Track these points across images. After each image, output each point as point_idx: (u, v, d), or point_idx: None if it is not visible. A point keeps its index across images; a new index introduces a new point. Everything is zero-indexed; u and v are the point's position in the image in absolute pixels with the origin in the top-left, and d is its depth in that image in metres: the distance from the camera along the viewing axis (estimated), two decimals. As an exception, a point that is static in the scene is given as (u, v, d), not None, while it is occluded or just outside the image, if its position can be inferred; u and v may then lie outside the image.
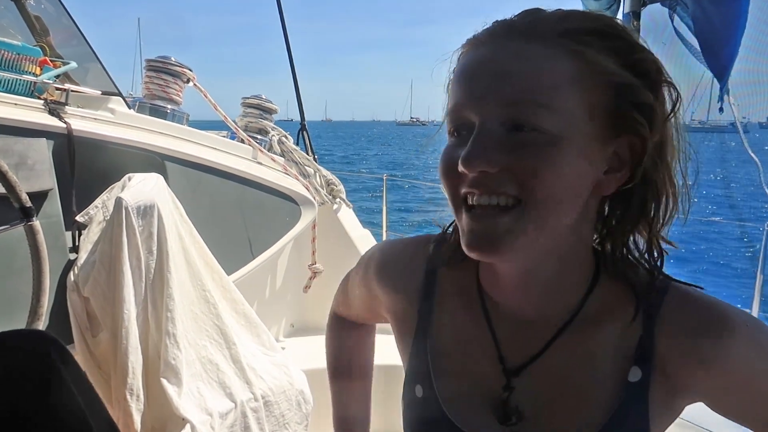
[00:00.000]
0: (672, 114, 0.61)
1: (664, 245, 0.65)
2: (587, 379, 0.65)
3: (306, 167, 2.77)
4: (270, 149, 2.70)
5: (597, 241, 0.67)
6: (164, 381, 1.70)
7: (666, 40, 1.99)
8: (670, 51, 1.93)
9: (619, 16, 2.01)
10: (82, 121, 1.88)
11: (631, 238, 0.65)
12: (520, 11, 0.63)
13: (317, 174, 2.82)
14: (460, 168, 0.58)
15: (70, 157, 1.80)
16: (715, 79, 1.87)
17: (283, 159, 2.69)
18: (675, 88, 0.61)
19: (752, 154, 1.80)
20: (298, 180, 2.64)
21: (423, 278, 0.76)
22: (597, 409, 0.64)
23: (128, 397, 1.64)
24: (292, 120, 3.43)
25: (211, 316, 1.91)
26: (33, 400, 0.63)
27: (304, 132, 3.13)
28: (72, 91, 1.93)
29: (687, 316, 0.63)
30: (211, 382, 1.82)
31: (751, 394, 0.64)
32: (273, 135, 2.75)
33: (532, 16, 0.61)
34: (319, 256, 2.73)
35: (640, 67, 0.60)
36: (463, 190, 0.60)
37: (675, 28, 1.74)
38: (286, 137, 2.80)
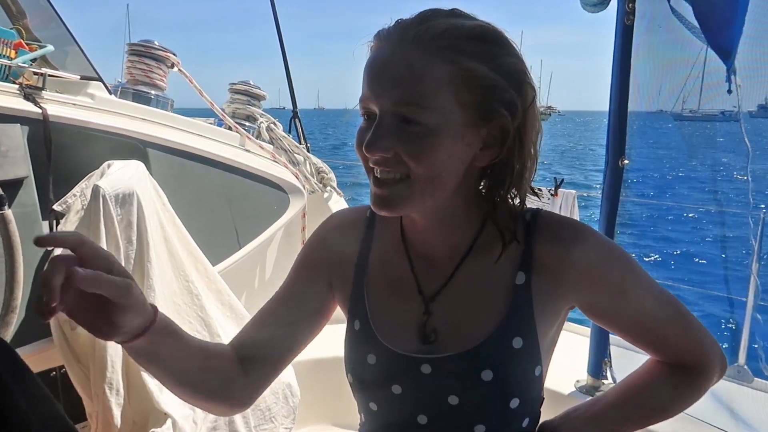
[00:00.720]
0: (530, 106, 0.78)
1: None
2: (485, 294, 0.84)
3: (295, 155, 2.71)
4: (258, 136, 2.65)
5: (483, 194, 0.84)
6: (145, 375, 1.65)
7: (662, 23, 1.93)
8: (665, 37, 1.87)
9: (613, -3, 1.95)
10: (59, 107, 1.82)
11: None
12: (419, 12, 0.78)
13: (307, 162, 2.76)
14: (363, 151, 0.77)
15: (46, 144, 1.74)
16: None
17: (271, 146, 2.63)
18: (533, 87, 0.79)
19: (747, 142, 1.75)
20: (287, 168, 2.58)
21: (364, 229, 0.94)
22: (493, 314, 0.82)
23: (107, 391, 1.59)
24: (283, 108, 3.36)
25: (195, 307, 1.86)
26: None
27: (296, 119, 3.07)
28: (49, 75, 1.86)
29: (554, 228, 0.84)
30: (194, 375, 1.77)
31: (612, 296, 0.83)
32: (261, 122, 2.69)
33: (423, 24, 0.75)
34: (309, 246, 2.68)
35: (506, 69, 0.76)
36: (371, 164, 0.78)
37: (672, 8, 1.68)
38: (275, 124, 2.74)
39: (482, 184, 0.84)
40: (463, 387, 0.82)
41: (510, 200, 0.82)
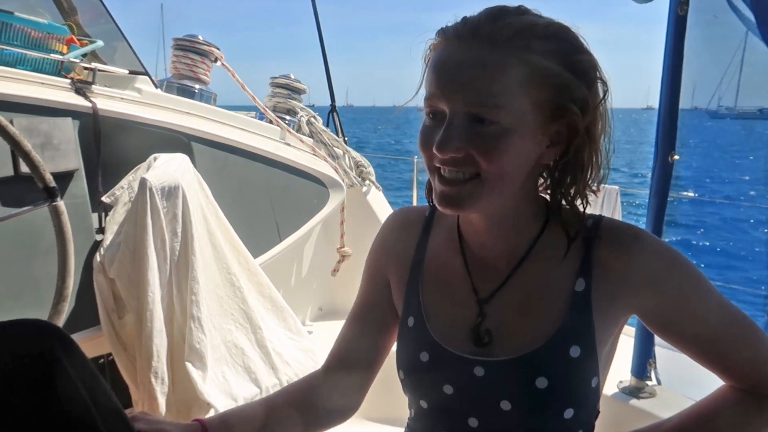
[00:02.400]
0: (601, 102, 0.78)
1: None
2: (542, 299, 0.82)
3: (335, 149, 2.71)
4: (298, 130, 2.66)
5: (547, 196, 0.84)
6: (189, 365, 1.68)
7: (718, 13, 1.86)
8: (716, 30, 1.80)
9: (668, -13, 1.88)
10: (108, 101, 1.86)
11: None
12: (485, 9, 0.76)
13: (346, 156, 2.77)
14: (434, 151, 0.75)
15: (95, 137, 1.78)
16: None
17: (311, 140, 2.64)
18: (605, 84, 0.78)
19: None
20: (326, 161, 2.59)
21: (421, 228, 0.95)
22: (551, 319, 0.80)
23: (153, 380, 1.63)
24: (313, 105, 3.35)
25: (237, 299, 1.88)
26: (32, 391, 0.59)
27: (334, 114, 3.07)
28: (99, 70, 1.90)
29: (616, 232, 0.81)
30: (236, 366, 1.80)
31: (674, 306, 0.80)
32: (302, 115, 2.70)
33: (493, 22, 0.74)
34: (347, 239, 2.68)
35: (578, 67, 0.76)
36: (437, 164, 0.77)
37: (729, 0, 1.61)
38: (315, 118, 2.75)
39: (542, 183, 0.84)
40: (517, 393, 0.80)
41: (572, 201, 0.81)
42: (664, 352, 2.27)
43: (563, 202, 0.81)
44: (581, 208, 0.82)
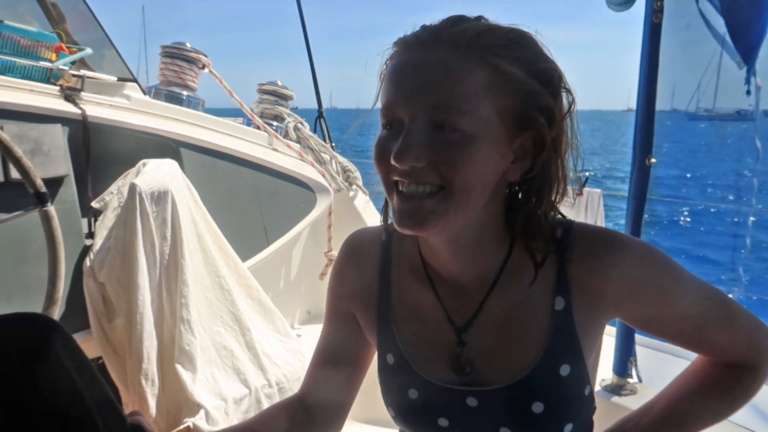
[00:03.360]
0: (567, 114, 0.74)
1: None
2: (522, 321, 0.78)
3: (322, 154, 2.75)
4: (286, 135, 2.69)
5: (509, 214, 0.79)
6: (179, 366, 1.71)
7: (691, 20, 1.92)
8: (691, 35, 1.86)
9: (642, -4, 1.95)
10: (97, 108, 1.89)
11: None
12: (445, 18, 0.73)
13: (333, 161, 2.80)
14: (392, 161, 0.69)
15: (85, 143, 1.81)
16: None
17: (298, 145, 2.68)
18: (571, 93, 0.74)
19: (758, 142, 1.74)
20: (313, 166, 2.62)
21: (379, 258, 0.89)
22: (535, 341, 0.77)
23: (143, 382, 1.65)
24: (296, 108, 3.37)
25: (226, 302, 1.91)
26: (30, 383, 0.62)
27: (321, 119, 3.11)
28: (87, 77, 1.93)
29: (588, 242, 0.77)
30: (226, 368, 1.83)
31: (656, 306, 0.77)
32: (289, 121, 2.74)
33: (456, 27, 0.70)
34: (335, 243, 2.72)
35: (544, 75, 0.72)
36: (395, 177, 0.71)
37: (699, 9, 1.67)
38: (302, 123, 2.78)
39: (506, 202, 0.79)
40: (514, 419, 0.78)
41: (538, 222, 0.76)
42: (644, 350, 2.33)
43: (529, 224, 0.76)
44: (548, 228, 0.77)
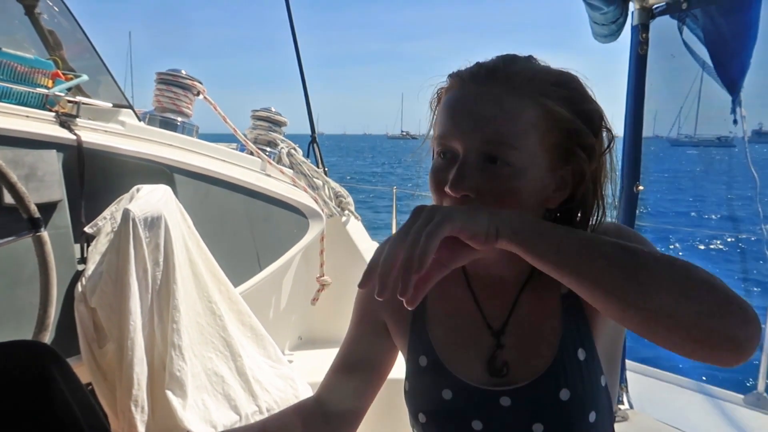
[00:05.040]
0: (606, 151, 0.81)
1: None
2: (539, 311, 0.83)
3: (315, 179, 2.77)
4: (279, 161, 2.71)
5: None
6: (169, 393, 1.70)
7: (675, 52, 1.98)
8: (675, 65, 1.93)
9: (627, 29, 2.01)
10: (92, 133, 1.90)
11: None
12: (498, 56, 0.80)
13: (326, 186, 2.82)
14: (447, 190, 0.75)
15: (79, 169, 1.82)
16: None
17: (291, 171, 2.70)
18: (610, 132, 0.82)
19: (753, 171, 1.78)
20: (306, 192, 2.64)
21: None
22: (552, 329, 0.82)
23: (133, 408, 1.64)
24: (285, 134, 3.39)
25: (217, 327, 1.91)
26: (28, 411, 0.63)
27: (314, 144, 3.14)
28: (83, 103, 1.95)
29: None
30: (216, 394, 1.81)
31: None
32: (282, 147, 2.76)
33: (509, 67, 0.77)
34: (327, 269, 2.72)
35: (587, 115, 0.79)
36: (447, 203, 0.77)
37: (684, 41, 1.73)
38: (296, 149, 2.81)
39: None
40: (545, 412, 0.80)
41: None
42: (635, 376, 2.34)
43: None
44: None
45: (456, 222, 0.64)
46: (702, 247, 12.07)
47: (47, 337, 1.60)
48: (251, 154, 2.55)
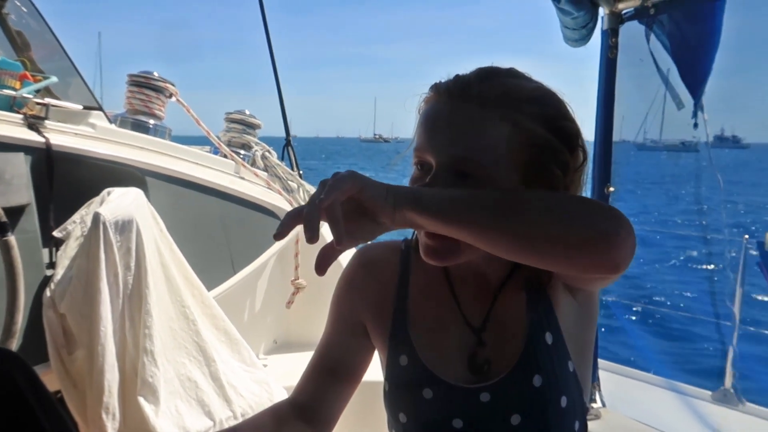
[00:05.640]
0: (580, 167, 0.82)
1: None
2: (509, 301, 0.86)
3: (289, 182, 2.76)
4: (253, 164, 2.70)
5: None
6: (141, 399, 1.67)
7: (644, 57, 2.03)
8: (643, 70, 1.97)
9: (597, 33, 2.05)
10: (61, 136, 1.87)
11: None
12: (478, 68, 0.81)
13: (301, 189, 2.81)
14: None
15: (48, 172, 1.78)
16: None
17: (266, 174, 2.69)
18: (585, 151, 0.82)
19: (719, 176, 1.84)
20: (281, 195, 2.63)
21: (399, 265, 0.94)
22: (520, 317, 0.84)
23: (104, 416, 1.61)
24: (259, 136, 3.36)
25: (191, 332, 1.88)
26: None
27: (289, 147, 3.13)
28: (52, 105, 1.91)
29: None
30: (190, 400, 1.79)
31: None
32: (256, 150, 2.75)
33: (483, 83, 0.78)
34: (302, 272, 2.71)
35: (562, 132, 0.79)
36: None
37: (650, 50, 1.77)
38: (270, 152, 2.80)
39: None
40: (522, 402, 0.82)
41: None
42: (607, 375, 2.38)
43: None
44: None
45: (357, 181, 0.66)
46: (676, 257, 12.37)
47: (14, 344, 1.56)
48: (225, 156, 2.53)
